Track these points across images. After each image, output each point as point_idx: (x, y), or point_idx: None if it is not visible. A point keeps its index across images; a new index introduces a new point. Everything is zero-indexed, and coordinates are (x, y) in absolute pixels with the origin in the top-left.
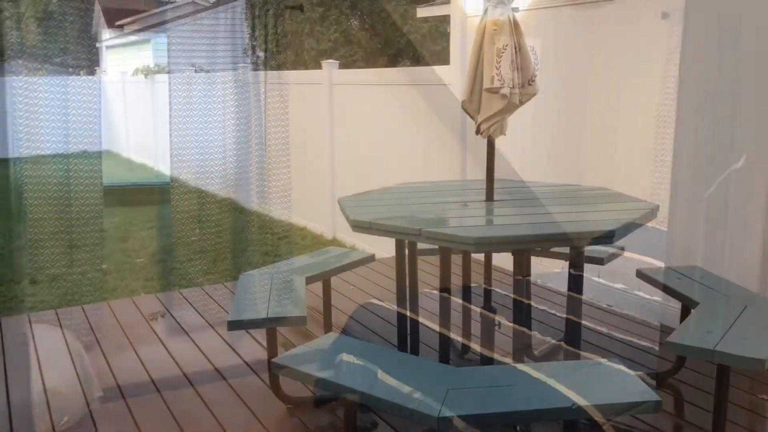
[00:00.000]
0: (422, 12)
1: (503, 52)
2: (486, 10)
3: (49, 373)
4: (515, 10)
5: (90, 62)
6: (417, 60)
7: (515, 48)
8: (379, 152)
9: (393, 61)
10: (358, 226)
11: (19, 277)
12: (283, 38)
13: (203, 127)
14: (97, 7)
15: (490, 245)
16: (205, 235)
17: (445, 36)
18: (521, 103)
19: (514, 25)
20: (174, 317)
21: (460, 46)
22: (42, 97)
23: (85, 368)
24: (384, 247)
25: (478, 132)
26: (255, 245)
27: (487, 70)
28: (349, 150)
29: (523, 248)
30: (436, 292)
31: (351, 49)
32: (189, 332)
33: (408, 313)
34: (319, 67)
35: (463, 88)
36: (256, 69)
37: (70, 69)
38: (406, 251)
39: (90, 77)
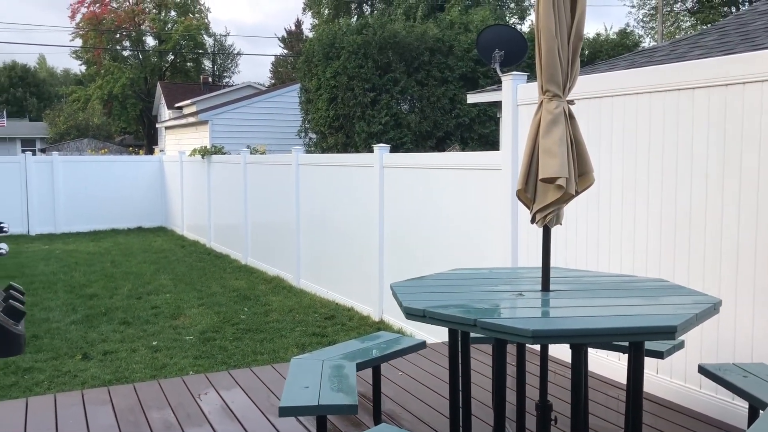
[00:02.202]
0: (473, 98)
1: (559, 143)
2: (542, 102)
3: None
4: (570, 102)
5: (150, 142)
6: (465, 142)
7: (571, 139)
8: (429, 235)
9: (441, 144)
10: (412, 314)
11: (73, 351)
12: (334, 121)
13: (257, 205)
14: (159, 90)
15: (547, 338)
16: (255, 314)
17: (493, 119)
18: (577, 193)
19: (570, 117)
20: (223, 399)
21: (511, 132)
22: (100, 174)
23: None
24: (431, 330)
25: (533, 221)
26: (302, 325)
27: (542, 160)
28: (397, 232)
29: (582, 342)
30: (489, 381)
31: (400, 132)
32: (237, 416)
33: (461, 404)
34: (369, 149)
35: (519, 178)
36: (308, 150)
37: (131, 148)
38: (460, 340)
39: (150, 156)
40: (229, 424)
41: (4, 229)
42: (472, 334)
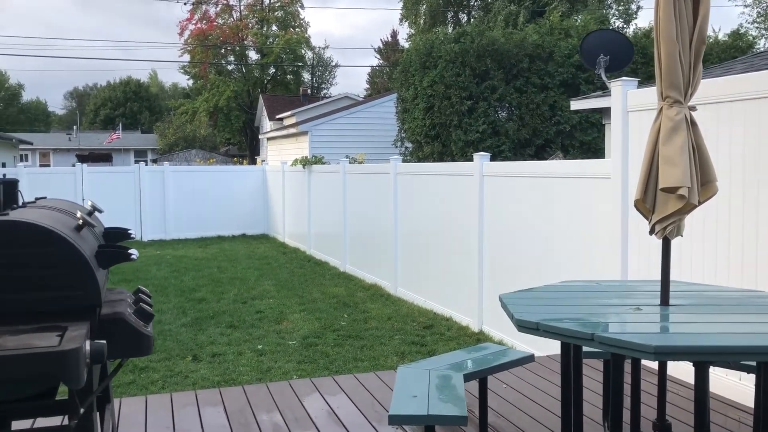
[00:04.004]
0: (576, 105)
1: (680, 152)
2: (661, 108)
3: None
4: (692, 108)
5: (252, 152)
6: (566, 150)
7: (693, 147)
8: (530, 245)
9: (540, 152)
10: (524, 326)
11: (184, 353)
12: (431, 130)
13: (358, 217)
14: (261, 102)
15: (670, 355)
16: (354, 321)
17: (596, 126)
18: (700, 203)
19: (691, 124)
20: (329, 404)
21: (621, 140)
22: (207, 183)
23: None
24: (532, 342)
25: (652, 232)
26: (401, 334)
27: (663, 169)
28: (497, 242)
29: (707, 360)
30: (597, 397)
31: (498, 140)
32: (343, 422)
33: (572, 421)
34: (466, 157)
35: (637, 187)
36: (404, 159)
37: (235, 158)
38: (572, 354)
39: (253, 166)
40: (335, 429)
41: (132, 236)
42: (584, 349)
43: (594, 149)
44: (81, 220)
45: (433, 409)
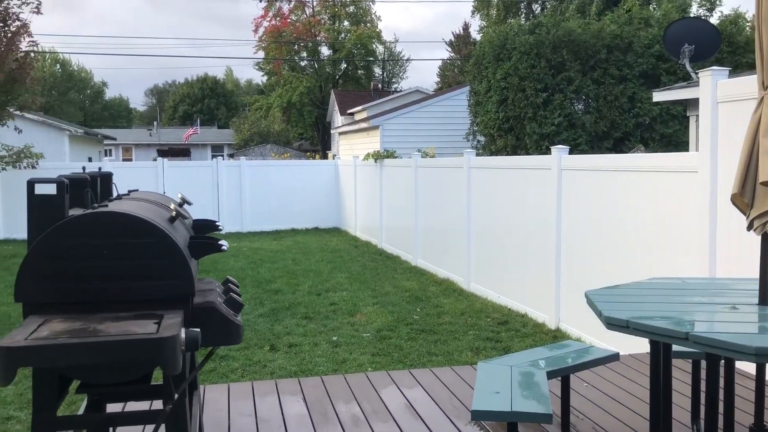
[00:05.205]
0: (659, 96)
1: None
2: (762, 98)
3: None
4: None
5: (324, 147)
6: (646, 143)
7: None
8: (610, 241)
9: (618, 145)
10: (614, 324)
11: (261, 342)
12: (504, 123)
13: (431, 210)
14: (332, 97)
15: None
16: (427, 315)
17: (677, 118)
18: None
19: None
20: (406, 397)
21: (710, 132)
22: (281, 177)
23: None
24: (612, 341)
25: (750, 228)
26: (474, 329)
27: (763, 161)
28: (575, 237)
29: None
30: (684, 399)
31: (574, 133)
32: (421, 415)
33: (662, 424)
34: (541, 151)
35: (735, 181)
36: (477, 153)
37: (308, 153)
38: (662, 354)
39: (325, 161)
40: (413, 423)
41: (220, 228)
42: (674, 348)
43: (675, 142)
44: (174, 212)
45: (516, 405)
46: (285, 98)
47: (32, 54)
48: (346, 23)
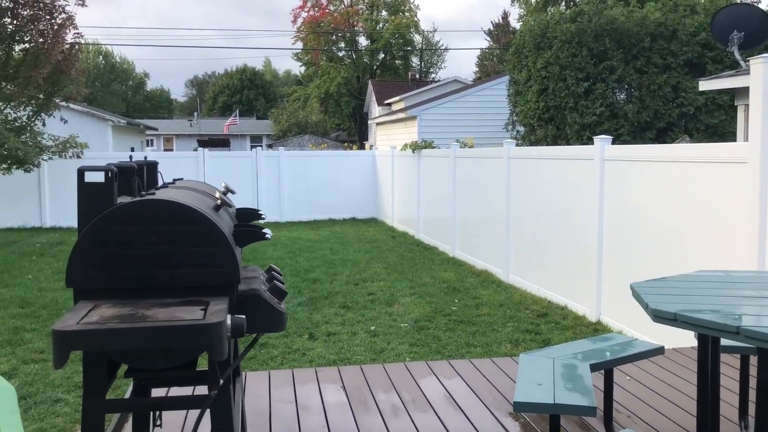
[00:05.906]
0: (705, 85)
1: None
2: None
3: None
4: None
5: (361, 137)
6: (690, 134)
7: None
8: (654, 232)
9: (662, 135)
10: (661, 317)
11: (301, 331)
12: (544, 113)
13: (471, 199)
14: (370, 87)
15: None
16: (465, 306)
17: (723, 108)
18: None
19: None
20: (445, 387)
21: (761, 122)
22: (319, 168)
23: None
24: (655, 334)
25: None
26: (513, 321)
27: None
28: (617, 229)
29: None
30: (731, 395)
31: (616, 123)
32: (461, 406)
33: (709, 420)
34: (582, 141)
35: None
36: (517, 143)
37: (345, 143)
38: (710, 348)
39: (363, 151)
40: (453, 414)
41: (263, 216)
42: (722, 342)
43: (721, 133)
44: (219, 200)
45: (560, 397)
46: (323, 89)
47: (77, 46)
48: (384, 13)
